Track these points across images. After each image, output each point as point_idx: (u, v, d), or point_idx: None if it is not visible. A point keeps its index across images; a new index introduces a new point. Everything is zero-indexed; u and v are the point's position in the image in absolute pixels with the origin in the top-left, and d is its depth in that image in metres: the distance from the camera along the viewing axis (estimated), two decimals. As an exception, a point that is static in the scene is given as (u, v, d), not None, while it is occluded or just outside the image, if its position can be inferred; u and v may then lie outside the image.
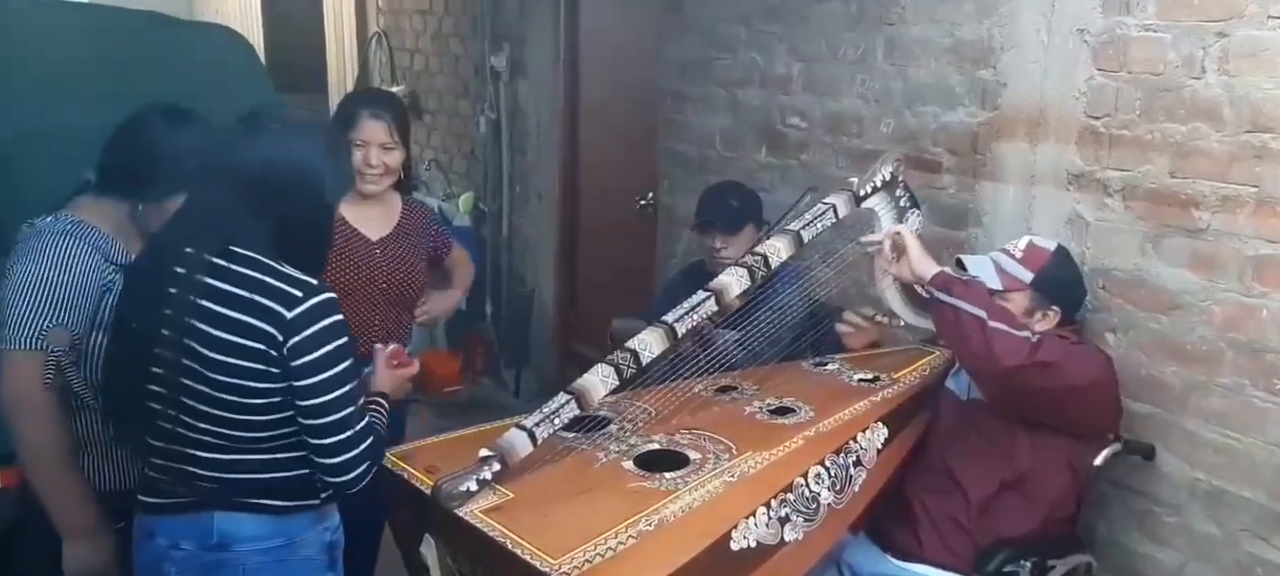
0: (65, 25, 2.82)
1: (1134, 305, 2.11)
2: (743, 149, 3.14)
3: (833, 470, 1.80)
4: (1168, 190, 2.02)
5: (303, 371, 1.53)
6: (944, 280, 1.91)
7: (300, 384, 1.54)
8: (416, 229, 2.45)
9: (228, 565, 1.61)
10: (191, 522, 1.61)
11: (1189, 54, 1.96)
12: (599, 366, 1.77)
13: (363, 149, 2.29)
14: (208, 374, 1.53)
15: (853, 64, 2.72)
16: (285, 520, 1.63)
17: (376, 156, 2.30)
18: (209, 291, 1.53)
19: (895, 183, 2.09)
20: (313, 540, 1.67)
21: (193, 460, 1.59)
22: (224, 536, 1.61)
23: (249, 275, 1.54)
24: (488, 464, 1.62)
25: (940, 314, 1.91)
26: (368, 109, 2.33)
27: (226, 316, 1.52)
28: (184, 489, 1.61)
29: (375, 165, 2.31)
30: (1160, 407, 2.09)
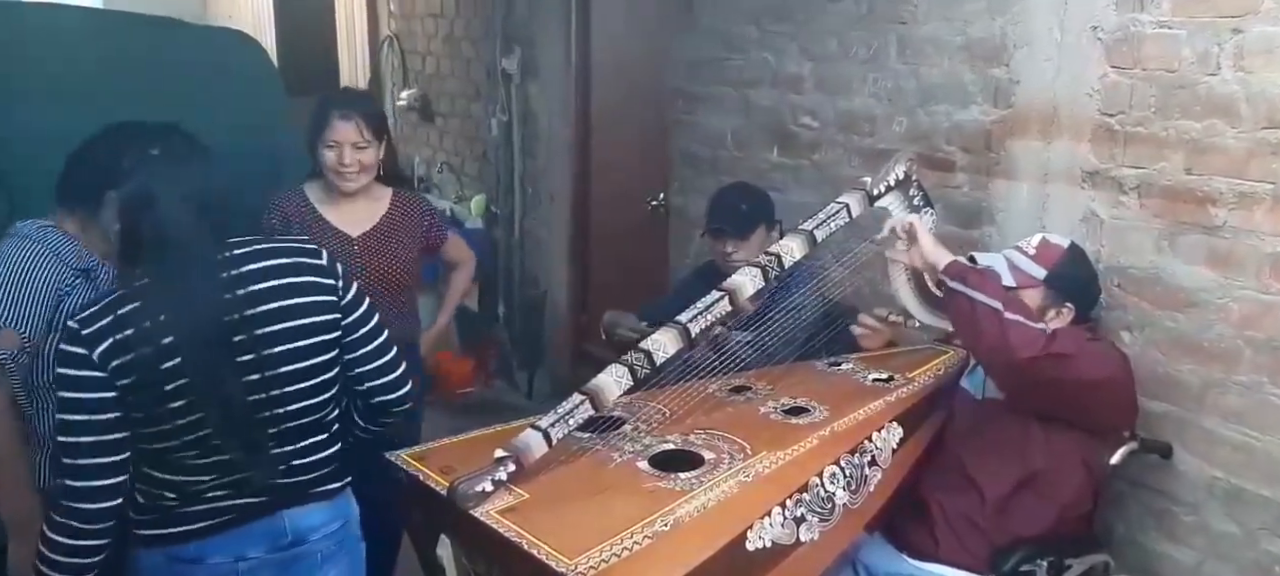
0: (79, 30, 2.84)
1: (1150, 303, 2.10)
2: (754, 149, 3.14)
3: (848, 470, 1.80)
4: (1183, 187, 2.01)
5: (355, 304, 1.67)
6: (959, 269, 1.91)
7: (355, 317, 1.67)
8: (405, 220, 2.49)
9: (303, 559, 1.66)
10: (257, 529, 1.61)
11: (1204, 50, 1.95)
12: (613, 367, 1.77)
13: (336, 149, 2.35)
14: (291, 359, 1.58)
15: (865, 63, 2.72)
16: (339, 501, 1.72)
17: (350, 156, 2.35)
18: (257, 277, 1.56)
19: (909, 182, 2.09)
20: (354, 515, 1.77)
21: (276, 460, 1.60)
22: (297, 532, 1.65)
23: (275, 248, 1.63)
24: (503, 464, 1.63)
25: (955, 304, 1.90)
26: (337, 110, 2.37)
27: (288, 287, 1.59)
28: (243, 503, 1.59)
29: (349, 164, 2.35)
30: (1177, 406, 2.08)
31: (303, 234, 2.36)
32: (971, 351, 2.06)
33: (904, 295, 2.13)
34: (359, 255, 2.40)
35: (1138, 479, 2.15)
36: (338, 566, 1.72)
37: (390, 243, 2.45)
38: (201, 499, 1.58)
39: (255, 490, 1.60)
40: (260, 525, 1.62)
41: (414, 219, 2.52)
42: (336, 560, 1.71)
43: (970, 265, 1.95)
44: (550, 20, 4.16)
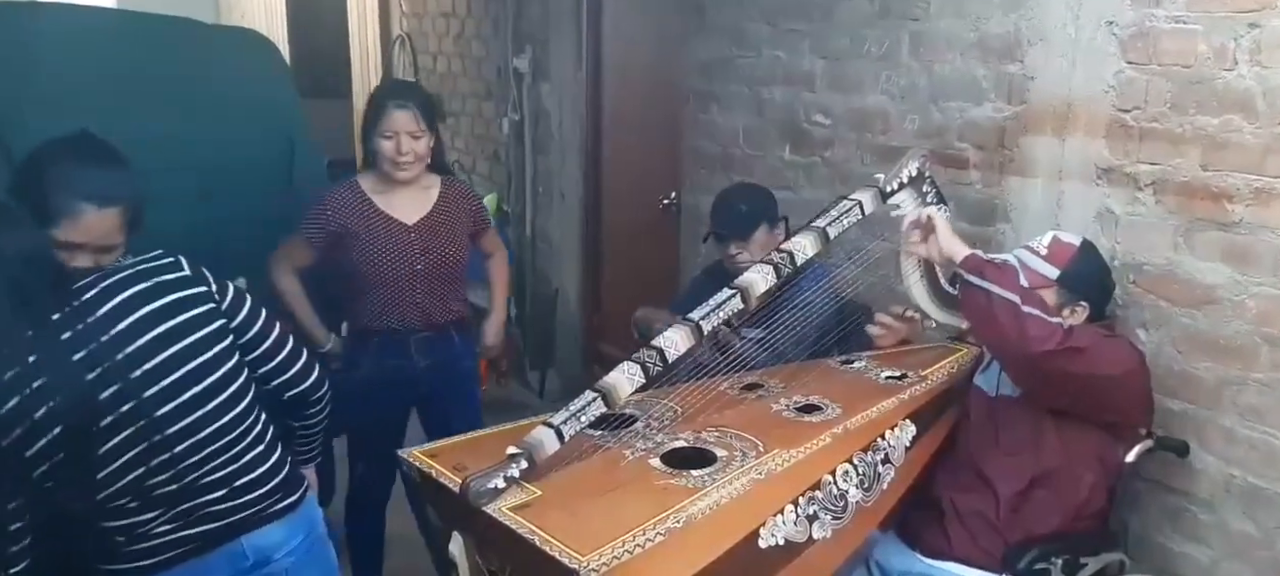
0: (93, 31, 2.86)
1: (1166, 300, 2.09)
2: (767, 147, 3.13)
3: (861, 467, 1.79)
4: (1200, 183, 1.99)
5: (237, 306, 1.61)
6: (976, 263, 1.90)
7: (241, 319, 1.61)
8: (456, 207, 2.57)
9: None
10: (217, 557, 1.59)
11: (1220, 46, 1.94)
12: (625, 364, 1.77)
13: (393, 139, 2.42)
14: (184, 388, 1.50)
15: (877, 60, 2.71)
16: (299, 515, 1.69)
17: (406, 144, 2.42)
18: (124, 321, 1.47)
19: (922, 178, 2.08)
20: (317, 519, 1.74)
21: (205, 491, 1.57)
22: (259, 553, 1.63)
23: (126, 279, 1.50)
24: (515, 461, 1.63)
25: (971, 298, 1.89)
26: (393, 100, 2.45)
27: (161, 314, 1.50)
28: (196, 536, 1.57)
29: (405, 153, 2.42)
30: (1193, 403, 2.06)
31: (357, 224, 2.44)
32: (987, 345, 2.05)
33: (917, 292, 2.12)
34: (416, 242, 2.48)
35: (1154, 477, 2.14)
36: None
37: (444, 229, 2.52)
38: (151, 537, 1.55)
39: (205, 522, 1.56)
40: (220, 553, 1.59)
41: (463, 206, 2.60)
42: (304, 572, 1.69)
43: (986, 259, 1.94)
44: (562, 19, 4.16)
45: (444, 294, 2.55)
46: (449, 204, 2.55)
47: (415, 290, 2.49)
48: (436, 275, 2.51)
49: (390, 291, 2.48)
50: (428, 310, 2.52)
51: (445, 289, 2.55)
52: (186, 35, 3.04)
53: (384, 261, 2.45)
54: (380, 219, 2.46)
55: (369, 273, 2.46)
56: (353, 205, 2.47)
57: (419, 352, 2.53)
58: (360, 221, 2.45)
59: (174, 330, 1.51)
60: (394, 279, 2.46)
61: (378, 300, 2.49)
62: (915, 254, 2.05)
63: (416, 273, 2.48)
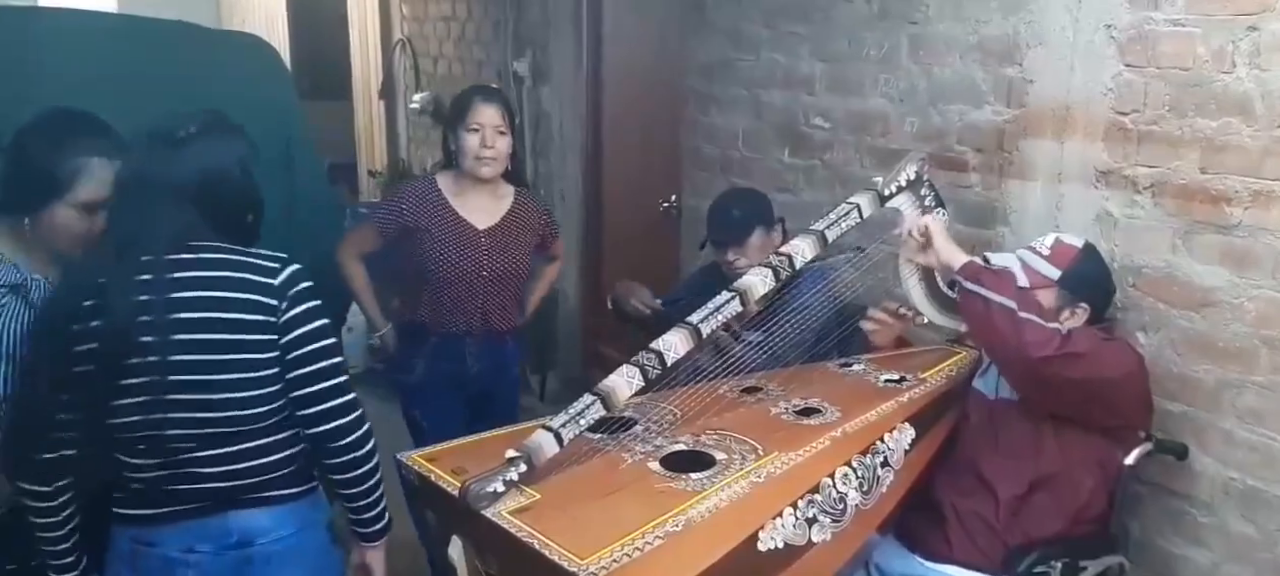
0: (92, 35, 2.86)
1: (1165, 303, 2.09)
2: (766, 150, 3.14)
3: (860, 471, 1.79)
4: (1198, 186, 2.00)
5: (294, 326, 1.59)
6: (973, 270, 1.90)
7: (292, 338, 1.59)
8: (526, 219, 2.62)
9: (254, 560, 1.65)
10: (205, 525, 1.63)
11: (1219, 48, 1.94)
12: (624, 367, 1.77)
13: (479, 132, 2.46)
14: (207, 371, 1.55)
15: (876, 63, 2.71)
16: (295, 506, 1.69)
17: (492, 138, 2.46)
18: (190, 286, 1.55)
19: (920, 182, 2.08)
20: (318, 519, 1.74)
21: (198, 463, 1.60)
22: (244, 533, 1.65)
23: (224, 259, 1.59)
24: (514, 464, 1.63)
25: (969, 305, 1.90)
26: (481, 95, 2.52)
27: (220, 300, 1.56)
28: (192, 496, 1.62)
29: (491, 147, 2.46)
30: (1193, 406, 2.06)
31: (429, 220, 2.49)
32: (986, 351, 2.05)
33: (915, 295, 2.13)
34: (485, 248, 2.52)
35: (1153, 480, 2.14)
36: (291, 572, 1.69)
37: (512, 239, 2.57)
38: (159, 488, 1.62)
39: (196, 483, 1.61)
40: (209, 522, 1.63)
41: (534, 218, 2.65)
42: (289, 565, 1.69)
43: (984, 266, 1.95)
44: (561, 22, 4.16)
45: (505, 301, 2.60)
46: (520, 214, 2.60)
47: (477, 295, 2.54)
48: (500, 282, 2.56)
49: (454, 293, 2.53)
50: (488, 315, 2.57)
51: (506, 297, 2.59)
52: (187, 39, 3.03)
53: (451, 262, 2.50)
54: (453, 219, 2.50)
55: (435, 271, 2.51)
56: (429, 201, 2.52)
57: (473, 357, 2.58)
58: (433, 218, 2.50)
59: (225, 322, 1.56)
60: (459, 281, 2.51)
61: (439, 300, 2.53)
62: (914, 262, 2.06)
63: (479, 277, 2.52)
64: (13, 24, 2.74)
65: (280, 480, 1.66)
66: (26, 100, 2.48)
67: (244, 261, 1.60)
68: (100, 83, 2.62)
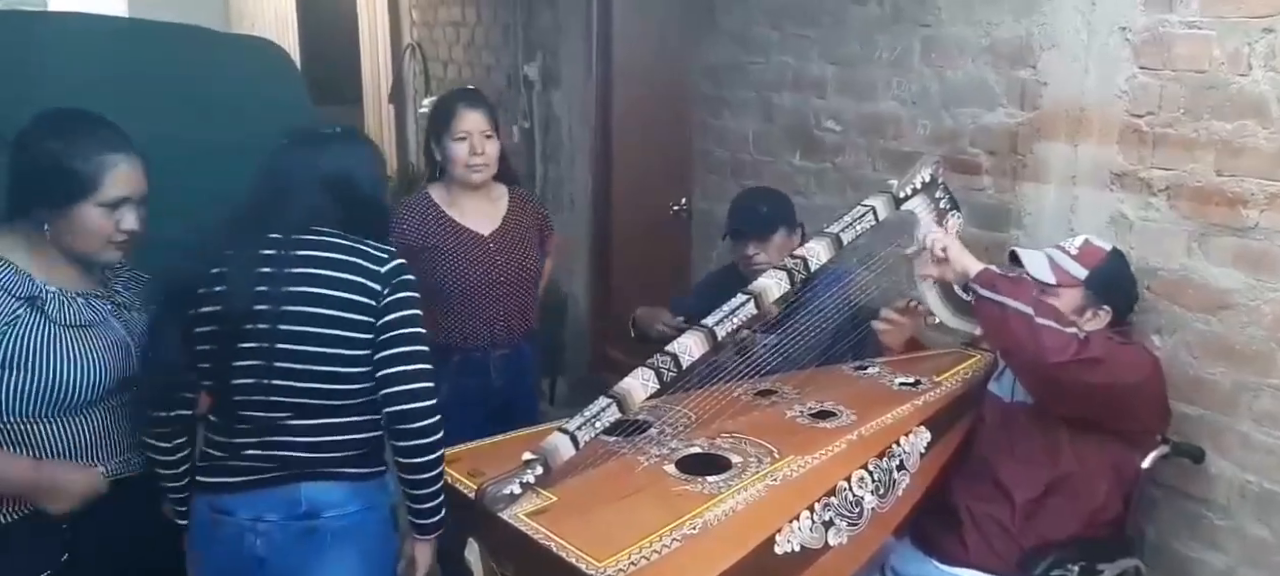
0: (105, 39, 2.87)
1: (1181, 305, 2.08)
2: (777, 153, 3.13)
3: (876, 474, 1.79)
4: (1214, 188, 1.99)
5: (392, 309, 1.68)
6: (989, 277, 1.90)
7: (388, 320, 1.68)
8: (526, 215, 2.57)
9: (318, 532, 1.71)
10: (277, 495, 1.70)
11: (1235, 50, 1.93)
12: (639, 370, 1.77)
13: (466, 139, 2.39)
14: (312, 343, 1.66)
15: (888, 66, 2.71)
16: (363, 486, 1.74)
17: (480, 143, 2.40)
18: (307, 263, 1.67)
19: (935, 184, 2.08)
20: (382, 502, 1.78)
21: (287, 431, 1.69)
22: (312, 505, 1.70)
23: (340, 243, 1.70)
24: (531, 467, 1.63)
25: (985, 311, 1.89)
26: (464, 101, 2.45)
27: (331, 279, 1.66)
28: (271, 464, 1.70)
29: (479, 153, 2.40)
30: (1209, 409, 2.05)
31: (435, 237, 2.43)
32: (1003, 356, 2.05)
33: (930, 299, 2.12)
34: (494, 253, 2.46)
35: (1169, 483, 2.13)
36: (350, 548, 1.73)
37: (519, 238, 2.52)
38: (241, 454, 1.71)
39: (268, 457, 1.70)
40: (280, 492, 1.70)
41: (532, 212, 2.60)
42: (350, 542, 1.73)
43: (1000, 272, 1.94)
44: (571, 26, 4.17)
45: (522, 305, 2.55)
46: (519, 212, 2.55)
47: (497, 301, 2.47)
48: (515, 285, 2.50)
49: (474, 303, 2.45)
50: (508, 323, 2.50)
51: (523, 300, 2.54)
52: (198, 43, 3.05)
53: (466, 273, 2.43)
54: (456, 230, 2.44)
55: (451, 286, 2.43)
56: (428, 218, 2.45)
57: (497, 370, 2.51)
58: (438, 235, 2.43)
59: (334, 299, 1.67)
60: (475, 292, 2.44)
61: (460, 314, 2.46)
62: (930, 277, 2.05)
63: (497, 282, 2.46)
64: (25, 28, 2.76)
65: (354, 458, 1.73)
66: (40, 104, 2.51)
67: (357, 249, 1.70)
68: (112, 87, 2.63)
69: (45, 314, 1.68)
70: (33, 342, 1.66)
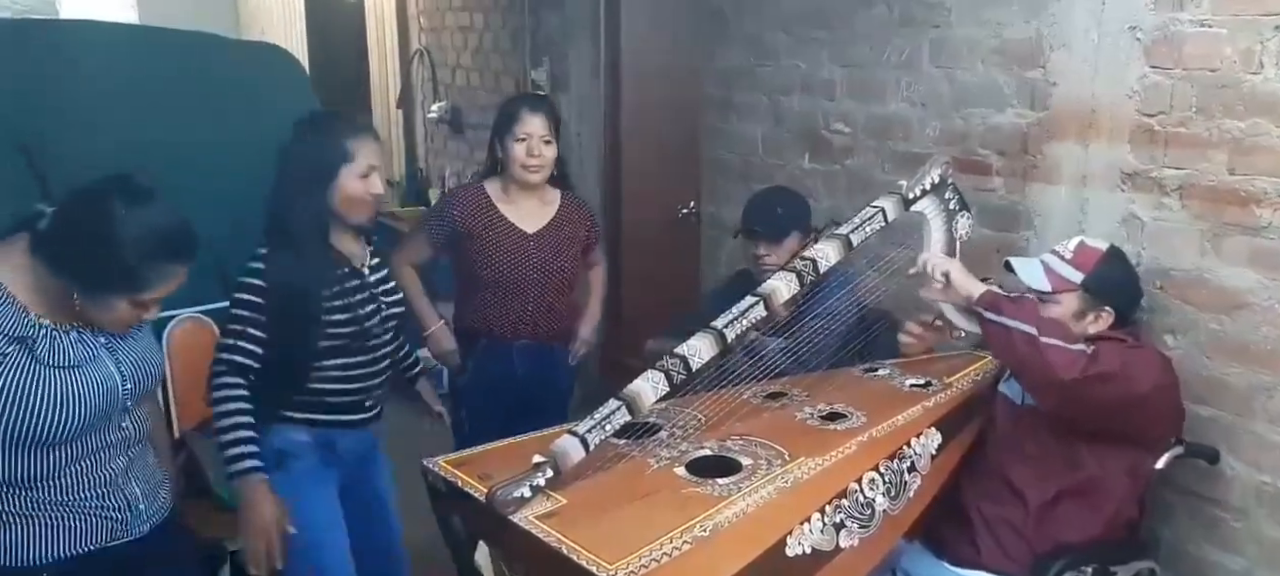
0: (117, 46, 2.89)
1: (1194, 306, 2.07)
2: (786, 155, 3.13)
3: (887, 476, 1.78)
4: (1227, 188, 1.98)
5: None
6: (991, 299, 1.89)
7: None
8: (573, 221, 2.65)
9: (375, 455, 2.27)
10: (356, 433, 2.17)
11: (1246, 49, 1.92)
12: (649, 372, 1.77)
13: (526, 142, 2.52)
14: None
15: (898, 68, 2.70)
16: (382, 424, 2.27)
17: (538, 147, 2.52)
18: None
19: (944, 185, 2.07)
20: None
21: (371, 385, 2.16)
22: (372, 443, 2.24)
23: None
24: (541, 470, 1.63)
25: (991, 333, 1.89)
26: (527, 105, 2.58)
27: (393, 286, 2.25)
28: (365, 408, 2.17)
29: (536, 155, 2.52)
30: (1223, 410, 2.04)
31: (478, 226, 2.57)
32: (1014, 376, 2.03)
33: (947, 307, 2.10)
34: (534, 251, 2.56)
35: (1184, 485, 2.12)
36: (381, 463, 2.30)
37: (561, 241, 2.60)
38: (347, 401, 2.14)
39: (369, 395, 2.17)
40: (358, 431, 2.17)
41: (580, 220, 2.67)
42: (380, 460, 2.29)
43: (1002, 293, 1.93)
44: (579, 31, 4.17)
45: (553, 304, 2.62)
46: (567, 217, 2.63)
47: (526, 297, 2.58)
48: (548, 285, 2.59)
49: (502, 295, 2.57)
50: (536, 319, 2.59)
51: (555, 299, 2.62)
52: (208, 49, 3.06)
53: (501, 265, 2.54)
54: (502, 223, 2.56)
55: (484, 275, 2.56)
56: (478, 207, 2.58)
57: (520, 360, 2.61)
58: (482, 224, 2.56)
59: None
60: (508, 283, 2.55)
61: (488, 302, 2.59)
62: (933, 299, 2.04)
63: (529, 281, 2.56)
64: (37, 37, 2.77)
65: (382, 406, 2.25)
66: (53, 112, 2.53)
67: None
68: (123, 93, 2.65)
69: (33, 354, 1.61)
70: (15, 382, 1.59)
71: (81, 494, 1.70)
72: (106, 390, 1.69)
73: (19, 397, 1.59)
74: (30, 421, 1.60)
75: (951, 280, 1.96)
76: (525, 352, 2.62)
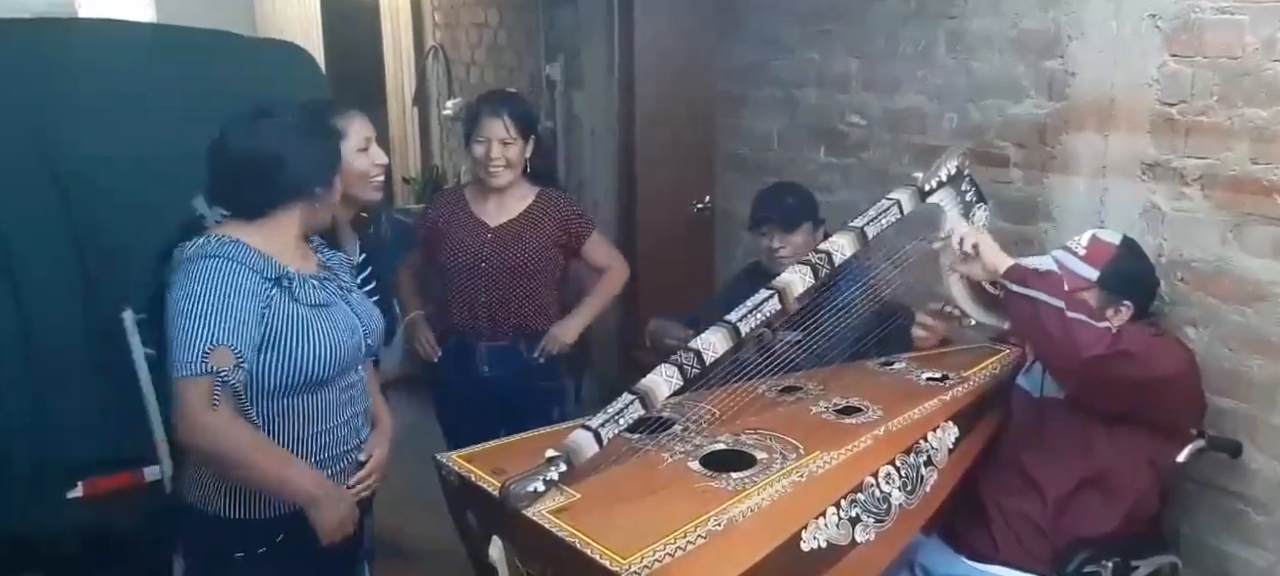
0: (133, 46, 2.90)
1: (1216, 297, 2.04)
2: (801, 149, 3.11)
3: (903, 470, 1.77)
4: (1249, 177, 1.95)
5: None
6: (1019, 273, 1.87)
7: None
8: (543, 214, 2.62)
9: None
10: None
11: (1269, 36, 1.89)
12: (662, 366, 1.76)
13: (485, 144, 2.54)
14: None
15: (913, 59, 2.68)
16: None
17: (496, 151, 2.53)
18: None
19: (961, 177, 2.05)
20: None
21: None
22: None
23: None
24: (554, 464, 1.62)
25: (1016, 307, 1.86)
26: (487, 107, 2.58)
27: None
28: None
29: (496, 158, 2.53)
30: (1246, 402, 2.01)
31: (446, 222, 2.63)
32: (1036, 353, 2.02)
33: (958, 293, 2.09)
34: (490, 241, 2.58)
35: (1206, 478, 2.09)
36: None
37: (524, 233, 2.59)
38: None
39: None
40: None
41: (555, 213, 2.64)
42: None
43: (1029, 268, 1.91)
44: (593, 27, 4.17)
45: (511, 295, 2.58)
46: (538, 211, 2.61)
47: (480, 287, 2.57)
48: (505, 276, 2.57)
49: (461, 290, 2.60)
50: (492, 310, 2.58)
51: (514, 291, 2.58)
52: (226, 48, 3.08)
53: (459, 256, 2.57)
54: (468, 219, 2.60)
55: (444, 266, 2.60)
56: (453, 208, 2.64)
57: (484, 358, 2.62)
58: (450, 220, 2.62)
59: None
60: (462, 274, 2.58)
61: (453, 298, 2.62)
62: (958, 273, 2.01)
63: (482, 270, 2.56)
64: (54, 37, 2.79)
65: None
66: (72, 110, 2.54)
67: None
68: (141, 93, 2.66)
69: (292, 294, 1.76)
70: (282, 323, 1.73)
71: (321, 444, 1.81)
72: (352, 331, 1.83)
73: (289, 335, 1.73)
74: (300, 357, 1.73)
75: (980, 251, 1.93)
76: (489, 354, 2.60)
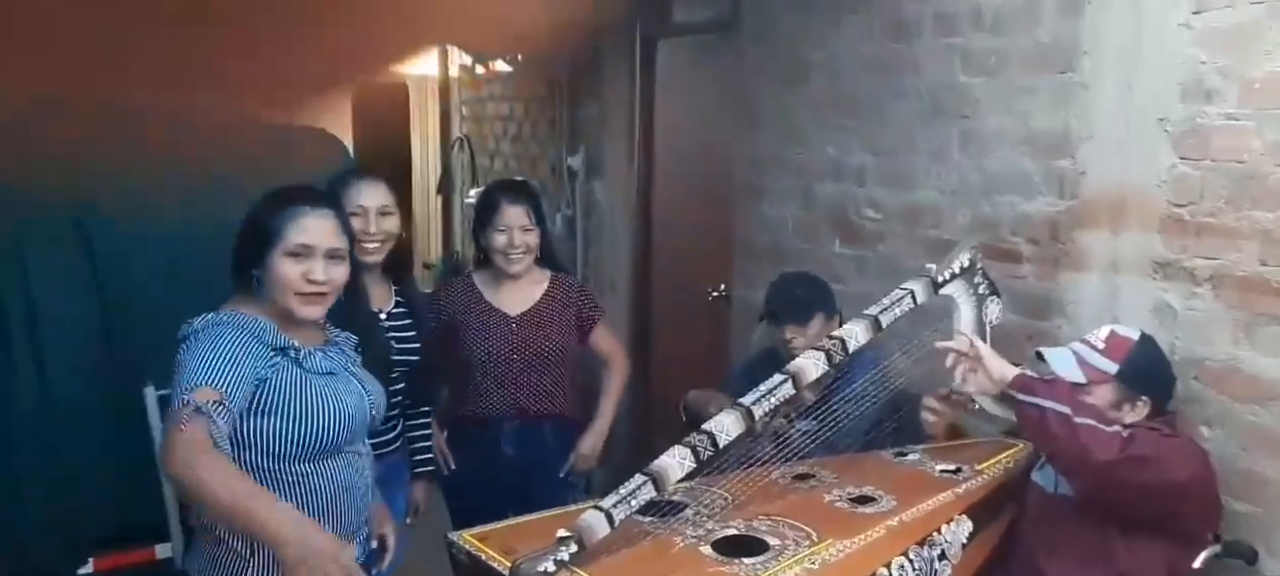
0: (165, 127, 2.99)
1: (1229, 396, 2.04)
2: (817, 240, 3.16)
3: (917, 562, 1.76)
4: (1259, 278, 1.97)
5: None
6: (1024, 382, 1.88)
7: None
8: (562, 299, 2.66)
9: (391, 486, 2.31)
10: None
11: (1275, 141, 1.93)
12: (675, 448, 1.77)
13: (506, 233, 2.56)
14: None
15: (928, 156, 2.74)
16: None
17: (518, 238, 2.56)
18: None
19: (974, 269, 2.08)
20: None
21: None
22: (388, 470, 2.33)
23: None
24: (565, 544, 1.62)
25: (1025, 416, 1.87)
26: (506, 196, 2.61)
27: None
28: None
29: (517, 246, 2.56)
30: (1261, 506, 1.99)
31: (463, 314, 2.60)
32: (1048, 459, 2.01)
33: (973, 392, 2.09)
34: (516, 332, 2.59)
35: (1223, 583, 2.06)
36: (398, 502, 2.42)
37: (547, 321, 2.62)
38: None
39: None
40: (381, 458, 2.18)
41: (570, 298, 2.68)
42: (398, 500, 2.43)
43: (1034, 377, 1.92)
44: (615, 119, 4.27)
45: (540, 384, 2.61)
46: (555, 296, 2.65)
47: (513, 379, 2.59)
48: (533, 365, 2.59)
49: (486, 379, 2.59)
50: (520, 400, 2.60)
51: (542, 379, 2.61)
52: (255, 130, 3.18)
53: (483, 348, 2.57)
54: (487, 309, 2.60)
55: (469, 359, 2.59)
56: (465, 299, 2.63)
57: (508, 441, 2.61)
58: (467, 311, 2.61)
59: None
60: (490, 365, 2.57)
61: (474, 387, 2.61)
62: (965, 390, 2.02)
63: (514, 362, 2.57)
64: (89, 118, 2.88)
65: None
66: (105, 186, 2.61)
67: None
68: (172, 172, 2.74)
69: (298, 362, 1.79)
70: (290, 388, 1.76)
71: (334, 515, 1.81)
72: (360, 397, 1.86)
73: (295, 400, 1.75)
74: (308, 423, 1.75)
75: (984, 364, 1.95)
76: (513, 434, 2.62)
